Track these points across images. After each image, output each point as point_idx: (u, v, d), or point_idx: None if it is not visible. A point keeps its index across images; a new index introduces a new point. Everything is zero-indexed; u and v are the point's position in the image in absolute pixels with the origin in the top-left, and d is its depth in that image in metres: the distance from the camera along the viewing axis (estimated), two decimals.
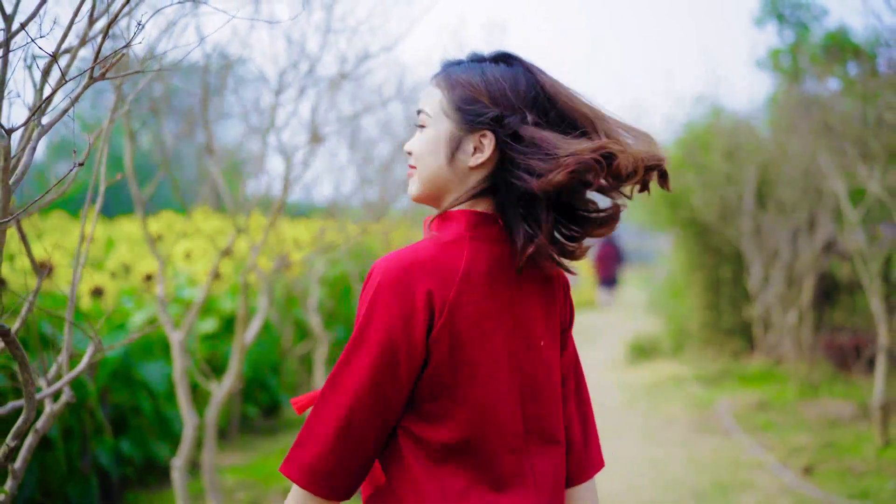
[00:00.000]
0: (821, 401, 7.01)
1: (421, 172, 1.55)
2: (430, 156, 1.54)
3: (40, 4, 1.60)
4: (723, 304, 9.78)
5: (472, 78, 1.53)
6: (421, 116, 1.56)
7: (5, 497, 1.75)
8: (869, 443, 5.68)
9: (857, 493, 4.76)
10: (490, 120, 1.50)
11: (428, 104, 1.56)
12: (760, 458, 5.61)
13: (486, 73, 1.53)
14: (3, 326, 1.48)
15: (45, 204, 1.69)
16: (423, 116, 1.56)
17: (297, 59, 3.30)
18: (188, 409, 3.32)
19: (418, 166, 1.55)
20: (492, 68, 1.53)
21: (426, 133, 1.55)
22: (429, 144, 1.54)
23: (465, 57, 1.59)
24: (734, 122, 9.46)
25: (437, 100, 1.54)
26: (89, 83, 1.45)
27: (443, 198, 1.56)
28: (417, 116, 1.57)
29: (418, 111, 1.57)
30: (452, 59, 1.62)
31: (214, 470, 3.60)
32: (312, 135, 3.43)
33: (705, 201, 8.95)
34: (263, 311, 3.76)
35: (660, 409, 7.44)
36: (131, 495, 4.79)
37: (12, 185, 1.40)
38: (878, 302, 5.81)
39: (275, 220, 3.47)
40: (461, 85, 1.54)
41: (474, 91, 1.52)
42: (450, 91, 1.53)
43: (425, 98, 1.57)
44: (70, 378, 1.76)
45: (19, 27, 1.54)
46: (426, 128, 1.55)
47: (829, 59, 7.79)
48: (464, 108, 1.51)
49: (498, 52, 1.56)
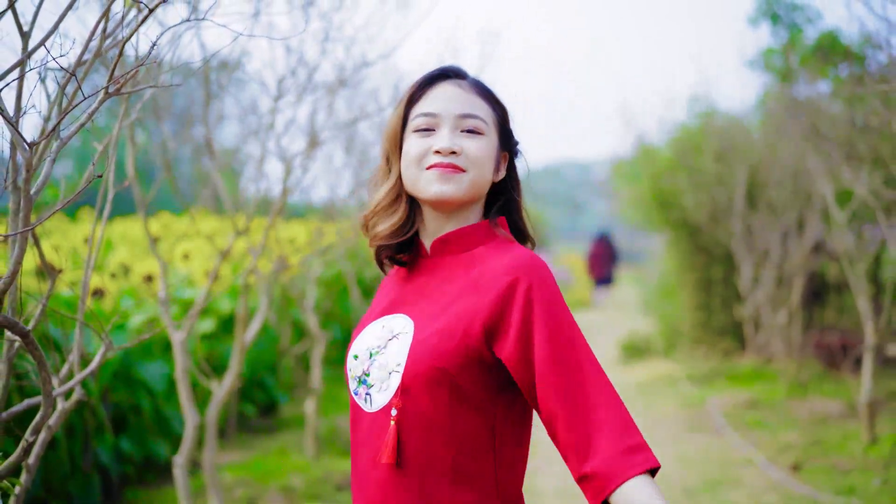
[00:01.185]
0: (810, 399, 7.12)
1: (474, 177, 1.57)
2: (488, 162, 1.59)
3: (57, 23, 1.69)
4: (714, 304, 9.89)
5: (504, 102, 1.67)
6: (477, 122, 1.59)
7: (20, 489, 1.84)
8: (856, 440, 5.79)
9: (843, 490, 4.86)
10: (514, 145, 1.69)
11: (481, 111, 1.60)
12: (749, 456, 5.71)
13: (503, 100, 1.68)
14: (24, 328, 1.57)
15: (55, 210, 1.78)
16: (480, 123, 1.59)
17: (296, 67, 3.39)
18: (189, 407, 3.40)
19: (472, 170, 1.57)
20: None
21: (484, 141, 1.59)
22: (487, 152, 1.59)
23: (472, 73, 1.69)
24: (726, 122, 9.57)
25: (487, 112, 1.61)
26: (104, 98, 1.54)
27: (473, 203, 1.62)
28: (466, 120, 1.58)
29: (469, 115, 1.58)
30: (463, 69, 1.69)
31: (214, 468, 3.68)
32: (310, 140, 3.52)
33: (696, 202, 9.06)
34: (263, 312, 3.84)
35: (651, 407, 7.55)
36: (131, 493, 4.87)
37: (33, 195, 1.48)
38: (865, 302, 5.92)
39: (273, 223, 3.55)
40: (501, 106, 1.66)
41: (507, 115, 1.67)
42: (493, 107, 1.63)
43: (473, 104, 1.60)
44: (84, 376, 1.85)
45: (38, 44, 1.63)
46: (483, 135, 1.59)
47: (821, 61, 7.89)
48: (504, 129, 1.65)
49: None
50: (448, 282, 1.58)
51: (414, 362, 1.49)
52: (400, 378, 1.50)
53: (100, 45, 1.75)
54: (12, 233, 1.48)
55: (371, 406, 1.55)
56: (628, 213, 11.79)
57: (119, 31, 1.94)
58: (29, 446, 1.64)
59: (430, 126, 1.58)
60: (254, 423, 6.65)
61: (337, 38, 3.42)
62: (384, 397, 1.53)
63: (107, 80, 1.54)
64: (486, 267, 1.55)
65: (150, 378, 4.84)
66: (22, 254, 1.48)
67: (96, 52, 1.78)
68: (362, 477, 1.57)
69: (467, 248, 1.60)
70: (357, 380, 1.59)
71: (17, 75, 1.70)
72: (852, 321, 8.31)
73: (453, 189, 1.55)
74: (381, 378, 1.54)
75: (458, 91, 1.60)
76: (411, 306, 1.60)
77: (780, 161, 7.86)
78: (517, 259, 1.52)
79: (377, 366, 1.56)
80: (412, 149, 1.58)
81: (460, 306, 1.52)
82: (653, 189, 9.99)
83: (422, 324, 1.54)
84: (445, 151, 1.54)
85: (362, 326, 1.66)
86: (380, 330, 1.61)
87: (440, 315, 1.53)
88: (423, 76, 1.64)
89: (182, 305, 5.78)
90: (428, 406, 1.48)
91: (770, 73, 10.03)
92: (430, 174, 1.55)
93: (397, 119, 1.62)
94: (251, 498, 4.72)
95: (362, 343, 1.62)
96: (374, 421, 1.54)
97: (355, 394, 1.60)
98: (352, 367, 1.61)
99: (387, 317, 1.61)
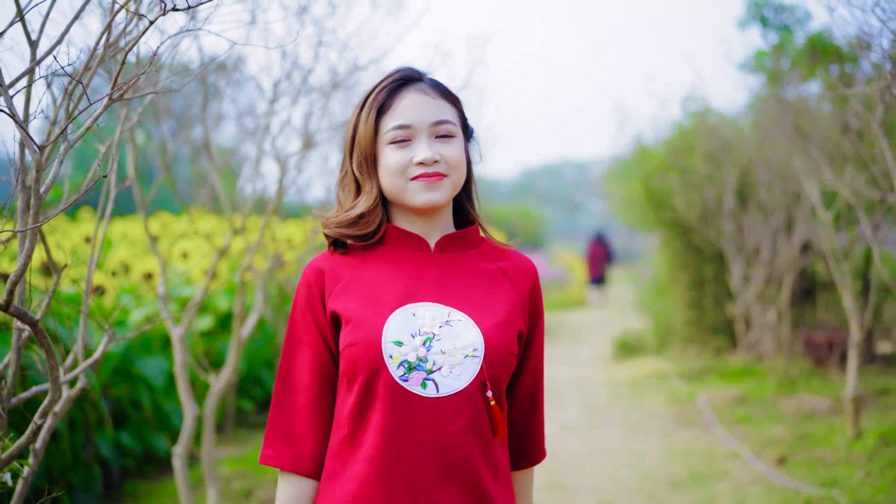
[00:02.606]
0: (798, 395, 7.24)
1: (455, 179, 1.70)
2: (463, 161, 1.71)
3: (63, 34, 1.80)
4: (706, 302, 10.01)
5: (457, 95, 1.77)
6: (449, 127, 1.69)
7: (29, 471, 1.95)
8: (841, 435, 5.91)
9: (826, 482, 4.98)
10: (470, 133, 1.80)
11: (449, 114, 1.71)
12: (736, 450, 5.84)
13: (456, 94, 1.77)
14: (33, 318, 1.69)
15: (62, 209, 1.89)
16: (451, 127, 1.70)
17: (291, 70, 3.51)
18: (188, 400, 3.52)
19: (453, 174, 1.69)
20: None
21: (458, 142, 1.71)
22: (462, 152, 1.71)
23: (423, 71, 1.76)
24: (718, 123, 9.69)
25: (453, 112, 1.72)
26: (109, 104, 1.66)
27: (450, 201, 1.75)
28: (439, 127, 1.68)
29: (441, 121, 1.68)
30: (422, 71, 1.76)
31: (212, 459, 3.79)
32: (305, 141, 3.64)
33: (687, 202, 9.18)
34: (259, 308, 3.96)
35: (643, 404, 7.67)
36: (130, 485, 4.98)
37: (42, 194, 1.60)
38: (850, 299, 6.04)
39: (269, 222, 3.67)
40: (459, 101, 1.76)
41: (463, 108, 1.78)
42: (454, 105, 1.73)
43: (441, 109, 1.69)
44: (87, 364, 1.96)
45: (46, 53, 1.75)
46: (455, 137, 1.71)
47: (811, 62, 8.01)
48: (466, 124, 1.78)
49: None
50: (471, 274, 1.74)
51: (493, 348, 1.65)
52: (480, 363, 1.64)
53: (104, 53, 1.86)
54: (23, 229, 1.60)
55: (438, 391, 1.62)
56: (622, 212, 11.91)
57: (121, 38, 2.06)
58: (38, 429, 1.75)
59: (406, 137, 1.66)
60: (251, 419, 6.77)
61: (330, 42, 3.54)
62: (460, 381, 1.62)
63: (110, 86, 1.65)
64: (507, 264, 1.78)
65: (150, 373, 4.96)
66: (32, 249, 1.59)
67: (100, 59, 1.90)
68: (426, 461, 1.61)
69: (470, 245, 1.78)
70: (406, 366, 1.62)
71: (27, 82, 1.82)
72: (841, 319, 8.43)
73: (439, 196, 1.67)
74: (453, 363, 1.63)
75: (425, 98, 1.68)
76: (440, 295, 1.68)
77: (769, 161, 7.98)
78: (530, 262, 1.81)
79: (439, 351, 1.62)
80: (392, 161, 1.66)
81: (505, 297, 1.73)
82: (645, 189, 10.11)
83: (475, 312, 1.68)
84: (429, 162, 1.65)
85: (377, 313, 1.66)
86: (413, 318, 1.65)
87: (490, 304, 1.71)
88: (384, 84, 1.70)
89: (181, 303, 5.89)
90: (502, 385, 1.69)
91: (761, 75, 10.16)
92: (416, 185, 1.66)
93: (369, 130, 1.68)
94: (248, 489, 4.84)
95: (400, 329, 1.63)
96: (444, 405, 1.61)
97: (403, 380, 1.61)
98: (395, 353, 1.62)
99: (413, 304, 1.66)
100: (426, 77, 1.74)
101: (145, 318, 5.59)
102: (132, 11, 1.78)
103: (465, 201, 1.80)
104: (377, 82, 1.74)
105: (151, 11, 2.23)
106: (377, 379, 1.62)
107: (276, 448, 1.68)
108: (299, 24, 3.47)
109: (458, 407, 1.62)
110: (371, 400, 1.63)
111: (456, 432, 1.62)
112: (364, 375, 1.63)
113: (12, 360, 1.90)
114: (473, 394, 1.63)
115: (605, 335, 11.81)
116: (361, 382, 1.63)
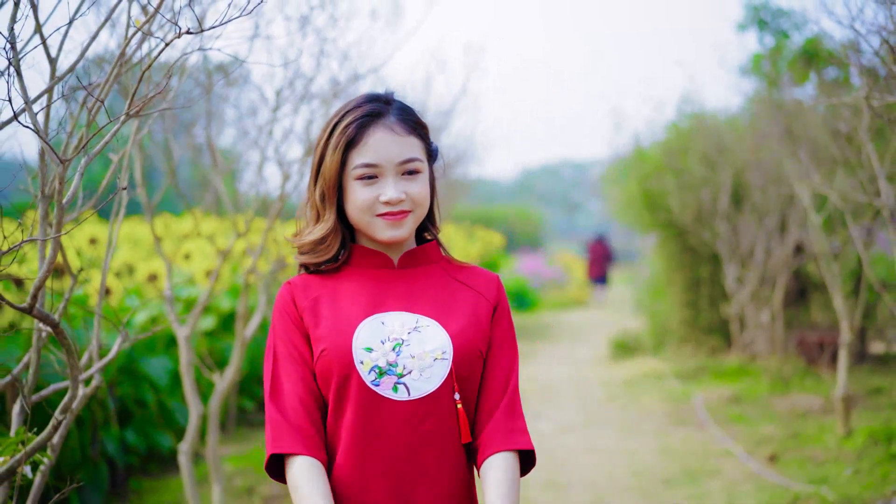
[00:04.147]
0: (791, 395, 7.36)
1: (419, 214, 1.78)
2: (427, 198, 1.78)
3: (81, 54, 1.92)
4: (701, 302, 10.13)
5: (422, 117, 1.82)
6: (415, 164, 1.75)
7: (49, 462, 2.07)
8: (832, 433, 6.03)
9: (816, 479, 5.10)
10: (434, 153, 1.85)
11: (415, 150, 1.76)
12: (729, 448, 5.95)
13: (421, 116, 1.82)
14: (55, 320, 1.80)
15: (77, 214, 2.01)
16: (417, 164, 1.76)
17: (293, 79, 3.62)
18: (194, 397, 3.63)
19: (417, 209, 1.77)
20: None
21: (423, 177, 1.77)
22: (427, 187, 1.78)
23: (387, 92, 1.81)
24: (714, 126, 9.80)
25: (418, 146, 1.77)
26: (125, 120, 1.77)
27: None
28: (405, 165, 1.74)
29: (407, 160, 1.74)
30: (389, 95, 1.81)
31: (217, 455, 3.91)
32: (308, 148, 3.75)
33: (683, 204, 9.29)
34: (262, 309, 4.07)
35: (638, 403, 7.79)
36: (135, 482, 5.10)
37: (64, 204, 1.71)
38: (841, 300, 6.16)
39: (272, 226, 3.78)
40: (423, 125, 1.81)
41: (427, 129, 1.83)
42: (420, 136, 1.78)
43: (408, 146, 1.74)
44: (104, 363, 2.08)
45: (67, 71, 1.86)
46: (421, 173, 1.77)
47: (806, 65, 8.12)
48: (432, 148, 1.83)
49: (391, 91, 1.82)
50: (434, 286, 1.82)
51: (461, 349, 1.74)
52: (449, 365, 1.72)
53: (118, 70, 1.97)
54: (46, 237, 1.71)
55: (409, 394, 1.70)
56: (620, 213, 12.03)
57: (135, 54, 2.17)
58: (58, 423, 1.87)
59: (373, 174, 1.73)
60: (252, 418, 6.88)
61: (331, 52, 3.66)
62: (430, 384, 1.71)
63: (127, 103, 1.77)
64: (468, 275, 1.87)
65: (154, 373, 5.07)
66: (55, 256, 1.71)
67: (116, 75, 2.01)
68: (397, 462, 1.69)
69: (430, 261, 1.86)
70: (377, 371, 1.70)
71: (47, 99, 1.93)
72: (834, 319, 8.54)
73: (403, 232, 1.76)
74: (422, 366, 1.71)
75: (393, 137, 1.73)
76: (407, 304, 1.78)
77: (763, 164, 8.10)
78: (493, 273, 1.91)
79: (408, 356, 1.71)
80: (359, 197, 1.73)
81: (469, 303, 1.82)
82: (642, 190, 10.23)
83: (441, 317, 1.77)
84: (395, 202, 1.72)
85: (347, 323, 1.74)
86: (382, 326, 1.74)
87: (455, 310, 1.79)
88: (353, 118, 1.73)
89: (185, 304, 6.01)
90: (472, 385, 1.78)
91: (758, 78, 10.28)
92: (381, 222, 1.74)
93: (335, 163, 1.73)
94: (250, 486, 4.96)
95: (369, 336, 1.72)
96: (417, 407, 1.70)
97: (374, 385, 1.69)
98: (366, 359, 1.70)
99: (381, 314, 1.75)
100: (394, 108, 1.78)
101: (150, 319, 5.71)
102: (147, 32, 1.89)
103: (427, 222, 1.87)
104: (345, 110, 1.78)
105: (162, 28, 2.35)
106: (349, 384, 1.70)
107: (285, 439, 1.68)
108: (301, 34, 3.58)
109: (429, 409, 1.70)
110: (344, 404, 1.71)
111: (428, 433, 1.70)
112: (336, 381, 1.71)
113: (33, 359, 2.01)
114: (443, 396, 1.71)
115: (602, 335, 11.93)
116: (334, 388, 1.71)
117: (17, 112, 1.64)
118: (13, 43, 1.62)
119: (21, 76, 1.68)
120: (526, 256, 23.83)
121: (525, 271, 19.59)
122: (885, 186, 4.17)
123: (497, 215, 28.40)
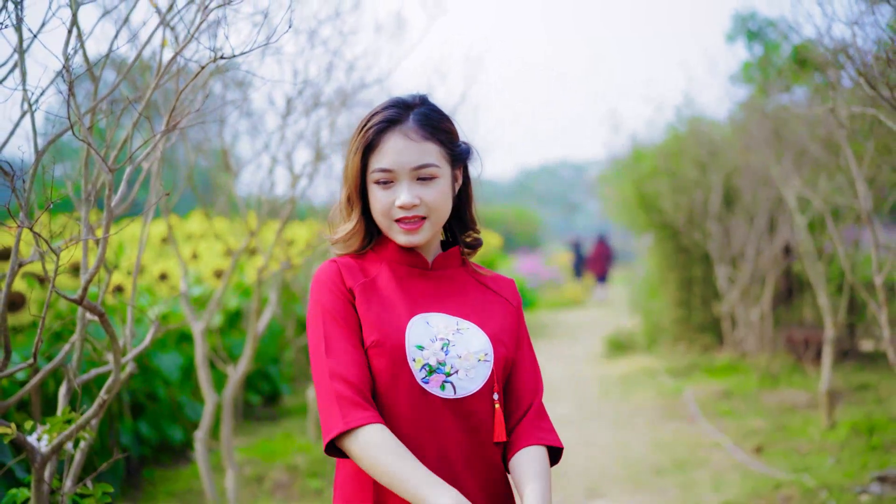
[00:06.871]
0: (779, 390, 7.60)
1: (435, 220, 1.80)
2: (445, 201, 1.80)
3: (125, 73, 2.16)
4: (694, 301, 10.38)
5: (449, 122, 1.83)
6: (430, 170, 1.76)
7: (90, 438, 2.30)
8: (816, 426, 6.27)
9: (799, 468, 5.34)
10: (465, 157, 1.87)
11: (432, 156, 1.77)
12: (717, 440, 6.20)
13: (445, 112, 1.84)
14: (101, 310, 2.04)
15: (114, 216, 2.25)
16: (433, 169, 1.77)
17: (303, 88, 3.85)
18: (209, 388, 3.87)
19: (432, 215, 1.78)
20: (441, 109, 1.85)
21: (439, 183, 1.78)
22: (443, 192, 1.79)
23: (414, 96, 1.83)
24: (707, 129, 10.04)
25: (437, 152, 1.78)
26: (164, 133, 2.01)
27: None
28: (420, 171, 1.76)
29: (422, 166, 1.76)
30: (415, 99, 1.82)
31: (230, 442, 4.14)
32: (316, 154, 3.99)
33: (676, 205, 9.54)
34: (272, 306, 4.31)
35: (631, 398, 8.04)
36: (148, 472, 5.34)
37: (113, 208, 1.95)
38: (825, 299, 6.40)
39: (282, 229, 4.02)
40: (446, 131, 1.81)
41: (454, 131, 1.84)
42: (441, 142, 1.79)
43: (424, 153, 1.76)
44: (139, 351, 2.31)
45: (111, 89, 2.10)
46: (437, 178, 1.78)
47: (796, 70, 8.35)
48: (454, 151, 1.83)
49: (422, 95, 1.85)
50: (466, 290, 1.89)
51: (500, 352, 1.81)
52: (491, 367, 1.79)
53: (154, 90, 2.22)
54: (98, 237, 1.95)
55: (455, 392, 1.76)
56: (616, 214, 12.27)
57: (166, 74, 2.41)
58: (104, 402, 2.11)
59: (389, 179, 1.77)
60: (258, 412, 7.12)
61: (338, 64, 3.89)
62: (474, 384, 1.77)
63: (165, 119, 2.01)
64: (493, 280, 1.94)
65: (166, 368, 5.30)
66: (103, 254, 1.94)
67: (151, 92, 2.26)
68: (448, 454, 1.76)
69: (458, 263, 1.92)
70: (427, 368, 1.74)
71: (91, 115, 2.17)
72: (821, 317, 8.78)
73: (419, 238, 1.80)
74: (468, 367, 1.77)
75: (407, 143, 1.76)
76: (444, 306, 1.83)
77: (752, 168, 8.34)
78: (511, 279, 1.99)
79: (455, 356, 1.76)
80: (377, 202, 1.79)
81: (499, 308, 1.90)
82: (637, 192, 10.48)
83: (479, 320, 1.83)
84: (408, 206, 1.76)
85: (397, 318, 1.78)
86: (428, 325, 1.78)
87: (490, 315, 1.86)
88: (373, 123, 1.78)
89: (194, 301, 6.24)
90: (503, 388, 1.85)
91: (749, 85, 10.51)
92: (398, 227, 1.79)
93: (356, 168, 1.80)
94: (259, 475, 5.19)
95: (419, 335, 1.77)
96: (460, 405, 1.76)
97: (424, 382, 1.74)
98: (417, 356, 1.74)
99: (425, 314, 1.80)
100: (414, 113, 1.79)
101: (161, 316, 5.94)
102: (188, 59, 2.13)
103: (457, 224, 1.92)
104: (370, 115, 1.82)
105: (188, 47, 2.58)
106: (400, 379, 1.74)
107: (355, 413, 1.68)
108: (310, 45, 3.82)
109: (472, 407, 1.77)
110: (395, 398, 1.75)
111: (471, 430, 1.78)
112: (387, 374, 1.74)
113: (77, 344, 2.25)
114: (484, 396, 1.78)
115: (598, 334, 12.17)
116: (384, 381, 1.74)
117: (72, 123, 1.88)
118: (69, 69, 1.86)
119: (74, 95, 1.91)
120: (524, 257, 24.09)
121: (523, 271, 19.84)
122: (864, 189, 4.40)
123: (495, 216, 28.58)
